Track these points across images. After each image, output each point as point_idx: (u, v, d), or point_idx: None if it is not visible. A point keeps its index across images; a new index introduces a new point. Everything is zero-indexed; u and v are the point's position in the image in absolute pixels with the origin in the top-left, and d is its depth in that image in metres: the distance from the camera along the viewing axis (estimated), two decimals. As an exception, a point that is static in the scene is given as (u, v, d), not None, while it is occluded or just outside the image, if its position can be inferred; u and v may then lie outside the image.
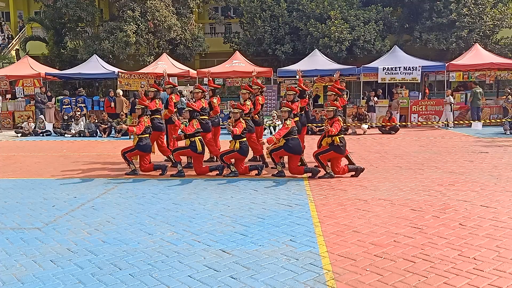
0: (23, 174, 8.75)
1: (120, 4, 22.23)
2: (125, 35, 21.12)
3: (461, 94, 18.35)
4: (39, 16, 25.96)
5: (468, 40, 20.67)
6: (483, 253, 4.24)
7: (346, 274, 3.83)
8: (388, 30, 22.39)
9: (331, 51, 20.57)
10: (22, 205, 6.32)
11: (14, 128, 17.91)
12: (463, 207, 5.82)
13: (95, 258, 4.27)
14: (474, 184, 7.17)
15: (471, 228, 4.97)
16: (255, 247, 4.51)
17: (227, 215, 5.65)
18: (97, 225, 5.34)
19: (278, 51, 21.89)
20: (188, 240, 4.74)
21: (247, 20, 23.20)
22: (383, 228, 5.02)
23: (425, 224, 5.13)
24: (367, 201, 6.23)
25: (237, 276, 3.83)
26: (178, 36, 23.31)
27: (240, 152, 8.16)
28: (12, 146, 13.74)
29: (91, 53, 21.17)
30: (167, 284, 3.69)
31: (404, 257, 4.17)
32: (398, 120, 16.52)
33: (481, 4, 20.74)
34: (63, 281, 3.79)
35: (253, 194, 6.80)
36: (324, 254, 4.28)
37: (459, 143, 12.27)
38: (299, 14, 21.78)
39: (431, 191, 6.72)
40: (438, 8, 21.01)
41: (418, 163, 9.22)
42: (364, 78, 17.88)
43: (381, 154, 10.62)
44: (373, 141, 13.25)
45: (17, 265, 4.16)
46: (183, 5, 24.02)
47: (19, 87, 19.31)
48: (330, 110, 7.97)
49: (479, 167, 8.57)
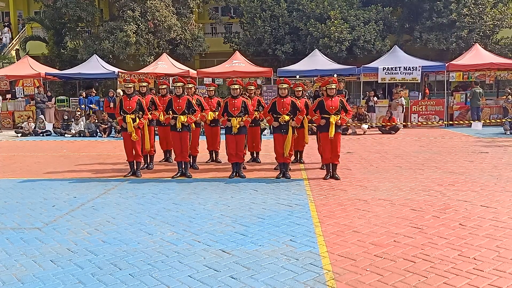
0: (23, 174, 8.75)
1: (120, 4, 22.23)
2: (125, 35, 21.13)
3: (461, 94, 18.36)
4: (39, 16, 25.97)
5: (468, 40, 20.67)
6: (483, 253, 4.24)
7: (346, 274, 3.82)
8: (388, 30, 22.40)
9: (331, 51, 20.57)
10: (22, 205, 6.31)
11: (14, 128, 17.93)
12: (463, 207, 5.82)
13: (95, 258, 4.27)
14: (474, 184, 7.17)
15: (471, 228, 4.97)
16: (255, 247, 4.51)
17: (227, 215, 5.65)
18: (97, 225, 5.33)
19: (278, 51, 21.89)
20: (188, 240, 4.73)
21: (247, 20, 23.21)
22: (383, 228, 5.02)
23: (425, 224, 5.13)
24: (367, 201, 6.23)
25: (237, 276, 3.83)
26: (178, 36, 23.32)
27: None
28: (12, 146, 13.74)
29: (91, 53, 21.18)
30: (167, 284, 3.69)
31: (404, 257, 4.17)
32: (398, 120, 16.50)
33: (481, 4, 20.75)
34: (63, 281, 3.78)
35: (253, 194, 6.80)
36: (324, 254, 4.28)
37: (459, 143, 12.27)
38: (299, 14, 21.78)
39: (431, 191, 6.72)
40: (438, 8, 21.01)
41: (418, 163, 9.22)
42: (364, 78, 17.89)
43: (381, 154, 10.62)
44: (373, 141, 13.25)
45: (17, 265, 4.15)
46: (183, 5, 24.03)
47: (19, 87, 19.33)
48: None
49: (479, 167, 8.57)
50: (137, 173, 8.36)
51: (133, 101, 8.17)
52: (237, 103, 7.88)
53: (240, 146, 7.98)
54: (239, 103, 7.89)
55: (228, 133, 7.97)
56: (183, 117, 7.87)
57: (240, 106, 7.87)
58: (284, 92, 7.80)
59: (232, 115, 7.86)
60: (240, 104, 7.88)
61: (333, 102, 7.66)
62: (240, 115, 7.86)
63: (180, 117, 7.85)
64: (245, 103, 7.95)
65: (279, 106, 7.80)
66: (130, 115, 8.12)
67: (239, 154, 7.98)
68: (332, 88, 7.65)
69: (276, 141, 7.96)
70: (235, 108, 7.87)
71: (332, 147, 7.70)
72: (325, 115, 7.61)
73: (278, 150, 7.93)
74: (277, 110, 7.79)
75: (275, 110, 7.81)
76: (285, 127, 7.78)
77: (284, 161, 7.97)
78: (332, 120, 7.53)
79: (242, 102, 7.94)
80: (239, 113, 7.86)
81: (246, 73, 18.72)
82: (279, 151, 7.93)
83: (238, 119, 7.83)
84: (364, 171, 8.31)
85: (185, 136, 8.01)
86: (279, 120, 7.75)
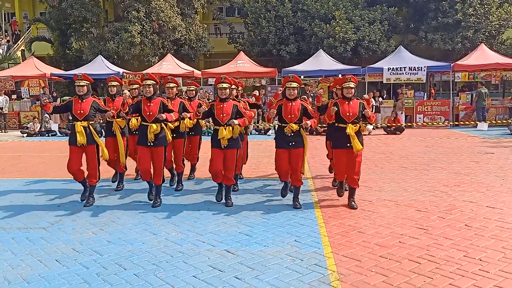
0: (28, 174, 8.79)
1: (125, 5, 22.31)
2: (130, 35, 21.20)
3: (467, 94, 18.28)
4: (44, 16, 26.12)
5: (474, 40, 20.57)
6: (489, 254, 4.21)
7: (351, 275, 3.81)
8: (393, 30, 22.32)
9: (336, 51, 20.53)
10: (27, 205, 6.34)
11: (19, 129, 18.02)
12: (468, 208, 5.79)
13: (100, 258, 4.28)
14: (480, 185, 7.13)
15: (476, 229, 4.94)
16: (259, 247, 4.50)
17: (232, 216, 5.65)
18: (102, 225, 5.35)
19: (283, 52, 21.88)
20: (192, 240, 4.74)
21: (251, 21, 23.22)
22: (388, 229, 5.00)
23: (430, 225, 5.11)
24: (372, 201, 6.21)
25: (241, 276, 3.83)
26: (183, 36, 23.36)
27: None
28: (18, 146, 13.81)
29: (96, 53, 21.27)
30: (171, 284, 3.70)
31: (409, 258, 4.15)
32: (403, 121, 16.46)
33: (487, 4, 20.64)
34: (69, 280, 3.80)
35: (257, 194, 6.79)
36: (329, 254, 4.27)
37: (464, 144, 12.21)
38: (304, 14, 21.75)
39: (436, 192, 6.69)
40: (443, 8, 20.92)
41: (424, 163, 9.18)
42: (369, 78, 17.84)
43: (386, 154, 10.59)
44: (378, 142, 13.21)
45: (22, 264, 4.17)
46: (188, 5, 24.09)
47: (25, 88, 19.44)
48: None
49: (485, 168, 8.52)
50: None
51: (86, 103, 6.21)
52: (226, 108, 5.94)
53: (229, 164, 6.02)
54: (229, 108, 5.95)
55: (216, 146, 6.00)
56: (155, 125, 5.97)
57: (231, 111, 5.95)
58: (293, 94, 5.82)
59: (219, 123, 5.95)
60: (231, 109, 5.96)
61: (351, 106, 5.77)
62: (229, 124, 5.90)
63: (152, 126, 5.94)
64: (237, 108, 6.01)
65: (286, 112, 5.81)
66: (80, 122, 6.14)
67: (227, 176, 6.03)
68: (350, 88, 5.79)
69: (277, 157, 6.00)
70: (224, 114, 5.92)
71: (349, 166, 5.85)
72: (341, 124, 5.83)
73: (281, 168, 6.04)
74: (283, 116, 5.87)
75: (281, 116, 5.87)
76: (293, 139, 5.82)
77: (295, 184, 5.99)
78: (351, 131, 5.69)
79: (233, 106, 5.99)
80: (228, 121, 5.92)
81: (251, 73, 18.75)
82: (282, 170, 6.06)
83: (228, 129, 5.90)
84: (369, 172, 8.28)
85: (159, 153, 6.06)
86: (285, 130, 5.77)
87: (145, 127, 6.01)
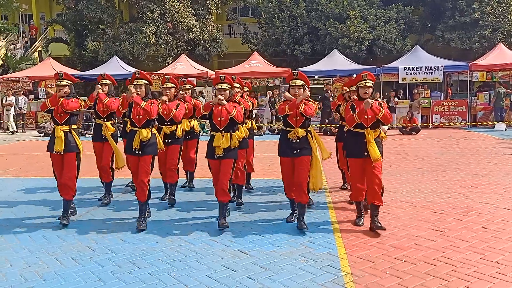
0: (45, 174, 8.91)
1: (140, 6, 22.51)
2: (144, 36, 21.37)
3: (485, 94, 17.99)
4: (61, 18, 26.50)
5: (492, 40, 20.23)
6: (507, 257, 4.13)
7: (365, 277, 3.77)
8: (409, 30, 22.07)
9: (351, 51, 20.39)
10: (44, 204, 6.44)
11: (36, 128, 18.32)
12: (486, 210, 5.68)
13: (115, 257, 4.31)
14: (497, 186, 7.00)
15: (494, 231, 4.85)
16: (272, 248, 4.49)
17: (245, 215, 5.65)
18: (117, 224, 5.40)
19: (297, 52, 21.80)
20: (206, 240, 4.74)
21: (265, 21, 23.19)
22: (403, 231, 4.94)
23: (447, 227, 5.03)
24: (387, 203, 6.14)
25: (254, 276, 3.82)
26: (197, 37, 23.46)
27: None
28: (35, 145, 14.03)
29: (111, 54, 21.50)
30: (185, 283, 3.71)
31: (425, 260, 4.09)
32: (419, 121, 16.27)
33: (505, 3, 20.28)
34: (84, 278, 3.84)
35: (270, 194, 6.78)
36: (342, 256, 4.23)
37: (482, 145, 12.01)
38: (318, 14, 21.65)
39: (453, 193, 6.59)
40: (460, 7, 20.62)
41: (440, 164, 9.06)
42: (384, 78, 17.67)
43: (401, 155, 10.47)
44: (393, 142, 13.07)
45: (39, 262, 4.23)
46: (202, 6, 24.18)
47: (42, 88, 19.75)
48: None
49: (503, 169, 8.37)
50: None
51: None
52: (225, 112, 5.12)
53: (222, 176, 5.09)
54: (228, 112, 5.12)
55: (210, 157, 5.21)
56: (145, 131, 5.22)
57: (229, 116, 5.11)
58: (299, 93, 5.01)
59: (217, 128, 5.14)
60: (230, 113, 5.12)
61: (369, 108, 4.97)
62: (228, 130, 5.13)
63: (142, 131, 5.20)
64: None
65: (291, 115, 5.01)
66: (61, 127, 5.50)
67: (223, 189, 5.08)
68: (367, 87, 5.02)
69: (283, 168, 5.19)
70: (222, 118, 5.09)
71: (369, 178, 5.02)
72: (358, 129, 5.09)
73: (284, 180, 5.25)
74: (287, 120, 5.07)
75: (285, 120, 5.09)
76: (299, 146, 4.99)
77: (299, 200, 5.02)
78: (370, 137, 4.99)
79: (233, 110, 5.14)
80: (226, 126, 5.13)
81: (265, 73, 18.74)
82: (285, 182, 5.26)
83: (225, 136, 5.09)
84: (384, 173, 8.13)
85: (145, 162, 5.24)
86: (289, 136, 5.00)
87: (134, 132, 5.25)
